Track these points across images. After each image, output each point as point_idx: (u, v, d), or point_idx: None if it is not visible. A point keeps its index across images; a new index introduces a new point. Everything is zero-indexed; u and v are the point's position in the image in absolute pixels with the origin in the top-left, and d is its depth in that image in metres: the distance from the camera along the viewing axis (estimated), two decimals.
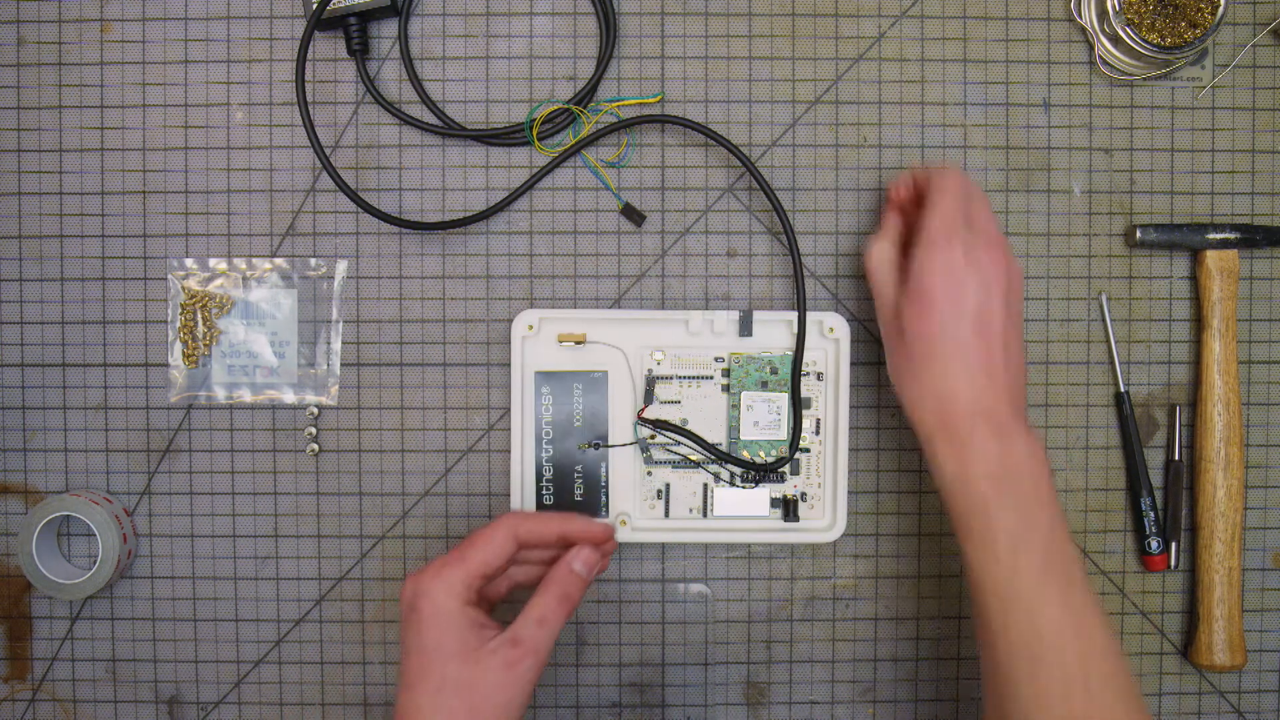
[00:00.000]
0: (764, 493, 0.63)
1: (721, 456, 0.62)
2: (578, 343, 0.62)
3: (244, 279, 0.64)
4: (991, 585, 0.51)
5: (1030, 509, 0.51)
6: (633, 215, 0.63)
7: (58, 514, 0.61)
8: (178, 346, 0.64)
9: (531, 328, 0.62)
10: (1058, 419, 0.65)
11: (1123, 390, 0.64)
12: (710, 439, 0.62)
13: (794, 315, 0.62)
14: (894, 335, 0.56)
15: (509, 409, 0.63)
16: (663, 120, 0.62)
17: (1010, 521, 0.51)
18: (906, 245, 0.57)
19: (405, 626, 0.52)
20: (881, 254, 0.58)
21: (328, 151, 0.63)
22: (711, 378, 0.63)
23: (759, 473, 0.62)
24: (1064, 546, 0.51)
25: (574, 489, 0.63)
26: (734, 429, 0.63)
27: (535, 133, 0.63)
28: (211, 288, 0.64)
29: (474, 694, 0.50)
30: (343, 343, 0.64)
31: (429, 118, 0.64)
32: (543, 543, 0.55)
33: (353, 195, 0.61)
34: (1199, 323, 0.64)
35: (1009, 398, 0.53)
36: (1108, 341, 0.65)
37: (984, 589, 0.51)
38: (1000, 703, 0.51)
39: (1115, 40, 0.62)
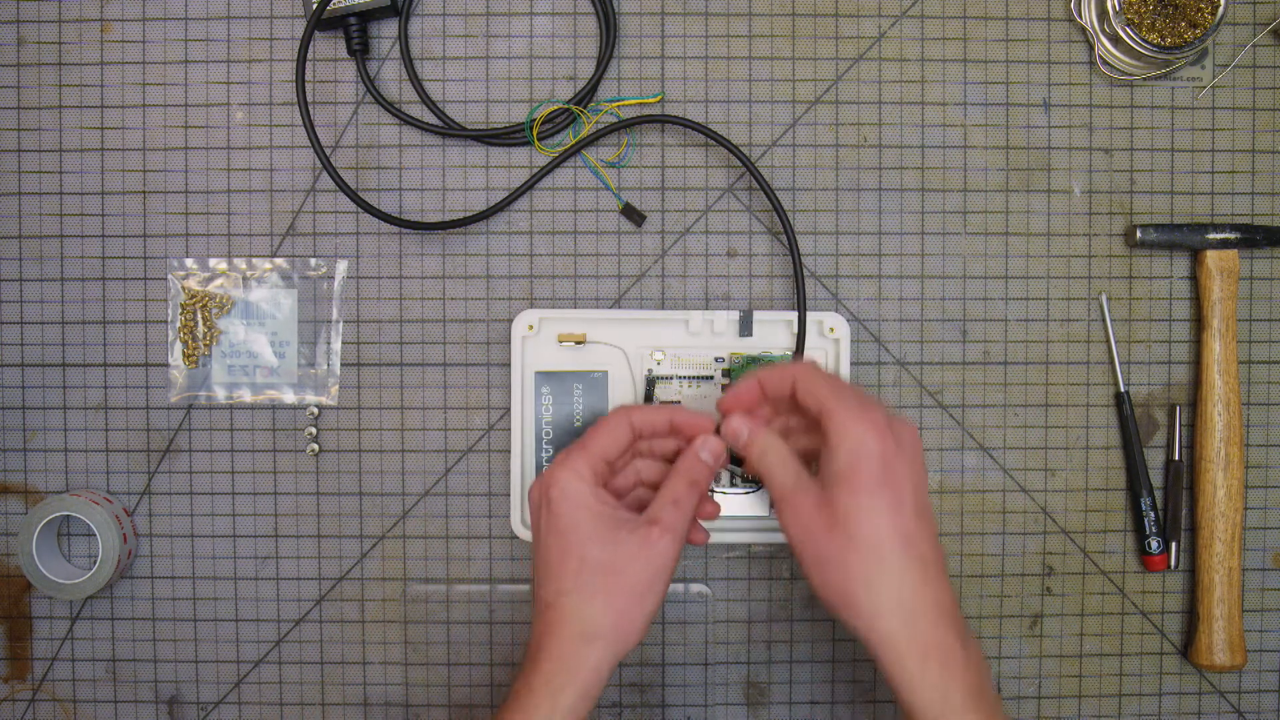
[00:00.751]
0: (764, 493, 0.63)
1: None
2: (578, 343, 0.62)
3: (244, 279, 0.64)
4: None
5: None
6: (633, 215, 0.63)
7: (58, 514, 0.61)
8: (178, 346, 0.64)
9: (531, 328, 0.62)
10: (1058, 419, 0.65)
11: (1123, 390, 0.64)
12: None
13: (794, 315, 0.62)
14: (823, 535, 0.48)
15: (509, 409, 0.63)
16: (663, 120, 0.62)
17: None
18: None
19: (539, 521, 0.52)
20: (773, 444, 0.51)
21: (328, 151, 0.63)
22: (711, 378, 0.63)
23: None
24: None
25: None
26: None
27: (535, 133, 0.63)
28: (211, 288, 0.64)
29: (615, 573, 0.50)
30: (343, 343, 0.64)
31: (429, 118, 0.64)
32: (655, 430, 0.54)
33: (353, 195, 0.61)
34: (1199, 323, 0.64)
35: (950, 587, 0.49)
36: (1108, 341, 0.65)
37: None
38: None
39: (1115, 40, 0.62)
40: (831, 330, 0.62)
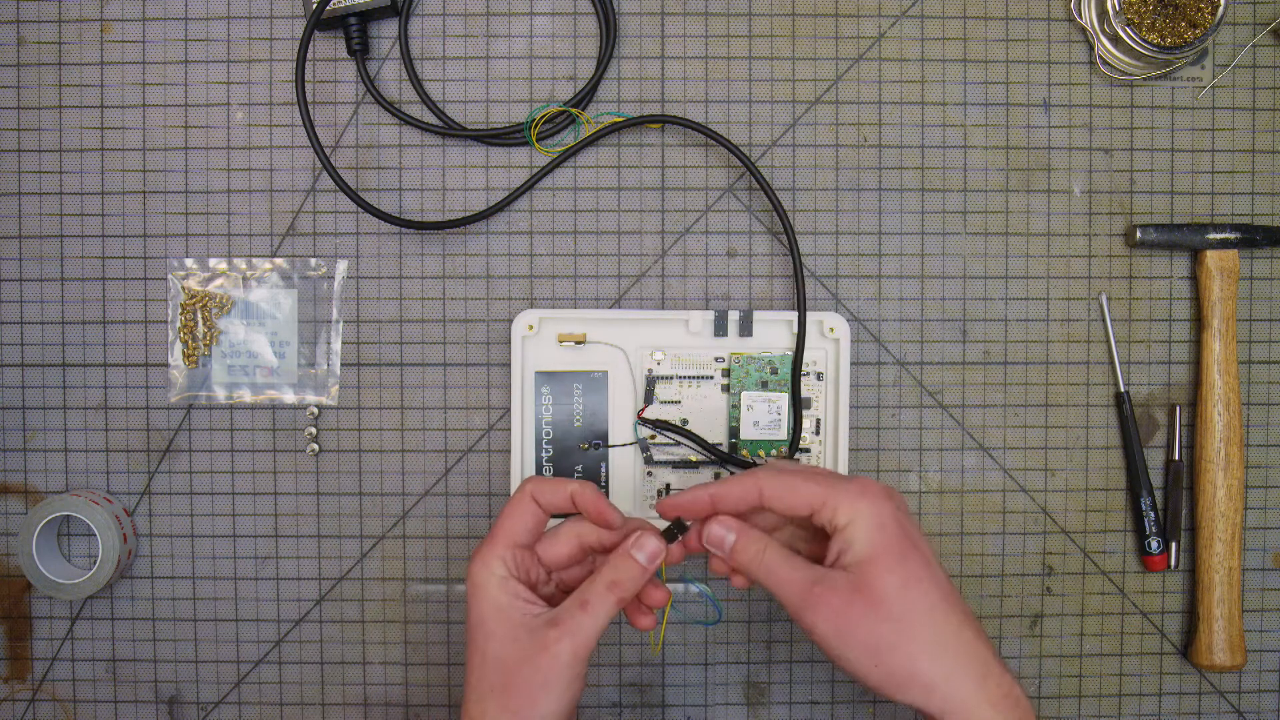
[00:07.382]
0: None
1: (721, 457, 0.62)
2: (578, 343, 0.62)
3: (244, 279, 0.64)
4: None
5: None
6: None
7: (58, 514, 0.61)
8: (178, 346, 0.64)
9: (531, 328, 0.62)
10: (1058, 419, 0.65)
11: (1123, 390, 0.64)
12: (710, 439, 0.62)
13: (794, 315, 0.62)
14: (868, 622, 0.47)
15: (509, 409, 0.63)
16: (663, 120, 0.62)
17: None
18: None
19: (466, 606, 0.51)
20: (769, 543, 0.50)
21: (328, 151, 0.63)
22: (711, 378, 0.63)
23: None
24: None
25: None
26: (734, 429, 0.63)
27: (535, 134, 0.63)
28: (211, 288, 0.64)
29: (509, 672, 0.48)
30: (343, 343, 0.64)
31: (429, 118, 0.64)
32: (556, 505, 0.51)
33: (353, 195, 0.61)
34: (1199, 323, 0.64)
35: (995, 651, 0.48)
36: (1108, 341, 0.65)
37: None
38: None
39: (1115, 40, 0.62)
40: (831, 330, 0.62)
